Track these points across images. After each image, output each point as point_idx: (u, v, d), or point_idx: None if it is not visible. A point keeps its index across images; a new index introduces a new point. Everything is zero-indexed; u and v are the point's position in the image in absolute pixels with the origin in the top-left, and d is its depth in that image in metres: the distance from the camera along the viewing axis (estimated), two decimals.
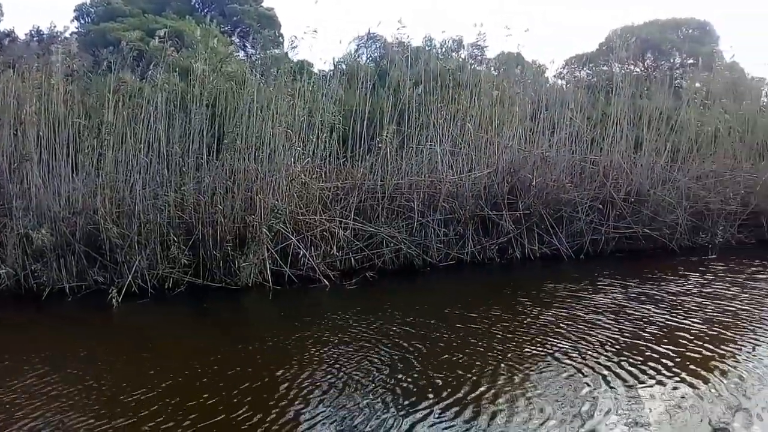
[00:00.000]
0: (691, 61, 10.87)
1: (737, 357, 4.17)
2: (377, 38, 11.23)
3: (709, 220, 8.11)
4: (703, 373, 3.83)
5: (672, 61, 11.44)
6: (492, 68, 9.50)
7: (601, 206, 7.78)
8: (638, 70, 10.97)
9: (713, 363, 4.01)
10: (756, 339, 4.52)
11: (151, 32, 9.57)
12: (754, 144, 8.86)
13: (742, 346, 4.42)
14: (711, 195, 8.07)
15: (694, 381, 3.70)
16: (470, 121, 7.62)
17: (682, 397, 3.46)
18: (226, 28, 14.86)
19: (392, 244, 6.76)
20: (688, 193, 8.00)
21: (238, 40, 14.96)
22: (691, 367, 3.93)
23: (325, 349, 4.29)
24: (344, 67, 9.46)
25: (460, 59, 9.34)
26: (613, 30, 11.99)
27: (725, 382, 3.69)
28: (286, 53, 8.95)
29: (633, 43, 9.98)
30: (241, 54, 13.22)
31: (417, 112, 7.63)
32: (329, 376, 3.75)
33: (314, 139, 6.84)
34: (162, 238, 5.87)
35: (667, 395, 3.49)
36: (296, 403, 3.38)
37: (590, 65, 11.40)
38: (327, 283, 6.11)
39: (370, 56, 11.22)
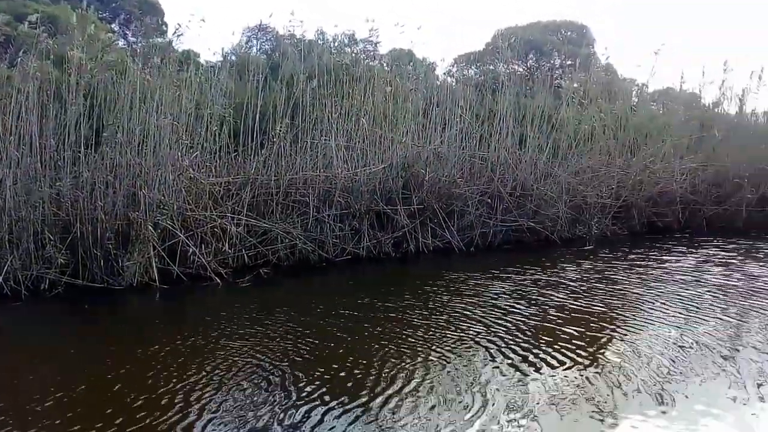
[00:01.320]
0: (569, 62, 11.52)
1: (625, 338, 4.45)
2: (269, 30, 11.01)
3: (587, 212, 8.62)
4: (592, 354, 4.05)
5: (552, 62, 12.07)
6: (385, 64, 9.60)
7: (489, 200, 8.07)
8: (522, 70, 11.48)
9: (603, 345, 4.26)
10: (643, 319, 4.86)
11: (20, 17, 8.81)
12: (626, 141, 9.51)
13: (630, 327, 4.72)
14: (588, 189, 8.59)
15: (583, 362, 3.89)
16: (364, 116, 7.64)
17: (568, 378, 3.63)
18: (105, 15, 14.00)
19: (287, 240, 6.64)
20: (568, 187, 8.46)
21: (118, 27, 14.13)
22: (581, 349, 4.13)
23: (217, 349, 4.12)
24: (234, 58, 9.20)
25: (354, 54, 9.36)
26: (499, 30, 12.48)
27: (611, 362, 3.91)
28: (170, 42, 8.55)
29: (517, 43, 10.47)
30: (122, 42, 12.50)
31: (311, 106, 7.55)
32: (222, 378, 3.60)
33: (203, 133, 6.59)
34: (36, 237, 5.42)
35: (556, 377, 3.65)
36: (186, 407, 3.21)
37: (478, 64, 11.85)
38: (219, 281, 5.89)
39: (262, 48, 10.98)
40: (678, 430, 3.03)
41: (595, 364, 3.90)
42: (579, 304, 5.35)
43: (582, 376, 3.70)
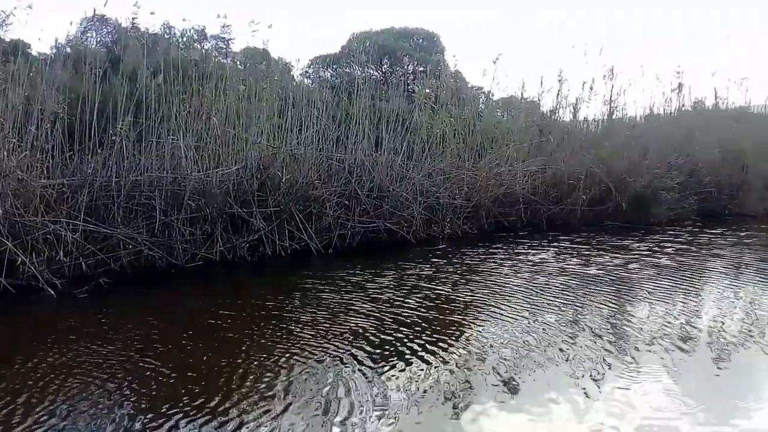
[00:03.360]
0: (421, 68, 11.87)
1: (477, 330, 4.61)
2: (110, 21, 10.23)
3: (440, 213, 8.90)
4: (445, 348, 4.15)
5: (405, 67, 12.38)
6: (238, 62, 9.30)
7: (347, 202, 8.07)
8: (377, 74, 11.66)
9: (456, 338, 4.38)
10: (494, 311, 5.09)
11: None
12: (474, 145, 9.97)
13: (483, 319, 4.92)
14: (441, 191, 8.87)
15: (437, 356, 3.98)
16: (216, 115, 7.32)
17: (422, 372, 3.70)
18: None
19: (130, 247, 6.17)
20: (422, 189, 8.69)
21: None
22: (435, 343, 4.23)
23: (50, 366, 3.70)
24: (69, 50, 8.43)
25: (204, 50, 8.96)
26: (354, 34, 12.57)
27: (464, 354, 4.04)
28: None
29: (371, 48, 10.63)
30: None
31: (157, 103, 7.10)
32: (57, 394, 3.23)
33: (34, 131, 5.96)
34: None
35: (411, 372, 3.69)
36: None
37: (334, 66, 11.88)
38: (53, 292, 5.33)
39: (101, 40, 10.18)
40: (524, 414, 3.19)
41: (448, 357, 4.02)
42: (434, 301, 5.49)
43: (436, 369, 3.79)
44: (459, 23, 31.10)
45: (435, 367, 3.84)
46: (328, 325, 4.66)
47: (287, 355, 4.00)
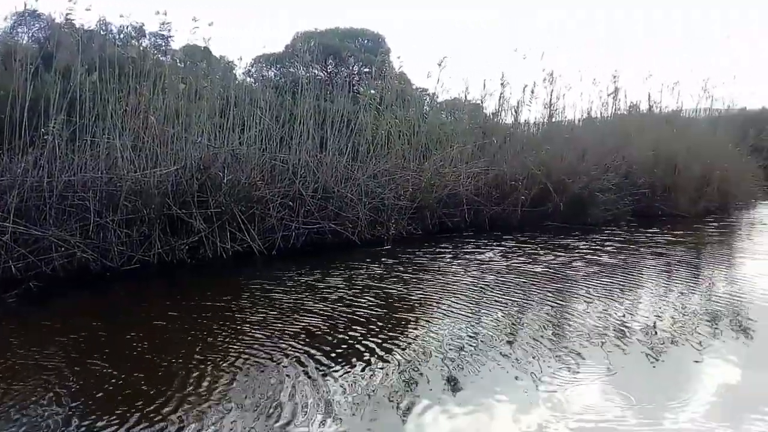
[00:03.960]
0: (366, 69, 11.89)
1: (422, 329, 4.64)
2: (41, 16, 9.84)
3: (385, 214, 8.92)
4: (390, 348, 4.17)
5: (351, 68, 12.37)
6: (178, 60, 9.09)
7: (291, 203, 8.00)
8: (322, 74, 11.61)
9: (401, 338, 4.40)
10: (439, 311, 5.14)
11: None
12: (419, 146, 10.04)
13: (427, 318, 4.95)
14: (386, 192, 8.89)
15: (382, 356, 4.00)
16: (154, 114, 7.14)
17: (367, 373, 3.70)
18: None
19: (63, 249, 5.95)
20: (367, 190, 8.69)
21: None
22: (381, 344, 4.24)
23: None
24: None
25: (142, 48, 8.73)
26: (298, 33, 12.48)
27: (409, 354, 4.07)
28: None
29: (316, 47, 10.58)
30: None
31: (91, 101, 6.88)
32: (8, 408, 3.09)
33: None
34: None
35: (357, 374, 3.69)
36: None
37: (278, 66, 11.77)
38: None
39: (33, 36, 9.78)
40: (468, 413, 3.22)
41: (395, 357, 4.04)
42: (381, 301, 5.50)
43: (382, 369, 3.80)
44: (404, 24, 31.36)
45: (381, 367, 3.85)
46: (273, 326, 4.62)
47: (231, 356, 3.94)
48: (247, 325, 4.69)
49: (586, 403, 3.32)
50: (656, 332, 4.60)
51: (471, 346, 4.26)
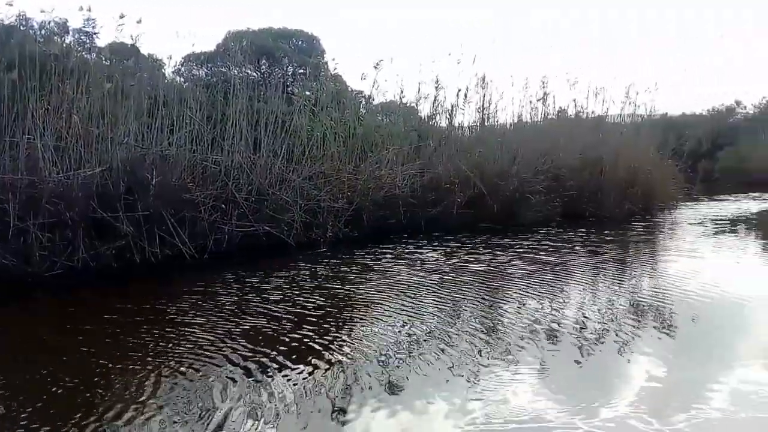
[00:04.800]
0: (301, 70, 11.78)
1: (360, 332, 4.63)
2: None
3: (321, 217, 8.85)
4: (329, 351, 4.13)
5: (285, 68, 12.22)
6: (103, 58, 8.73)
7: (223, 206, 7.82)
8: (255, 74, 11.42)
9: (339, 341, 4.36)
10: (377, 312, 5.13)
11: None
12: (355, 148, 10.02)
13: (366, 321, 4.94)
14: (322, 194, 8.83)
15: (321, 360, 3.96)
16: (78, 114, 6.83)
17: (306, 378, 3.65)
18: None
19: None
20: (303, 192, 8.60)
21: None
22: (318, 347, 4.20)
23: None
24: None
25: (65, 44, 8.34)
26: (230, 32, 12.24)
27: (347, 356, 4.05)
28: None
29: (248, 47, 10.40)
30: None
31: (11, 100, 6.52)
32: None
33: None
34: None
35: (295, 378, 3.63)
36: None
37: (209, 65, 11.50)
38: None
39: None
40: (405, 414, 3.22)
41: (333, 358, 4.01)
42: (316, 304, 5.45)
43: (319, 371, 3.77)
44: (340, 25, 31.34)
45: (318, 369, 3.81)
46: (208, 329, 4.51)
47: (163, 367, 3.80)
48: (177, 328, 4.54)
49: (519, 400, 3.37)
50: (586, 329, 4.74)
51: (409, 346, 4.27)
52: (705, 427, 3.03)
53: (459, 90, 12.01)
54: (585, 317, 5.09)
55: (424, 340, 4.40)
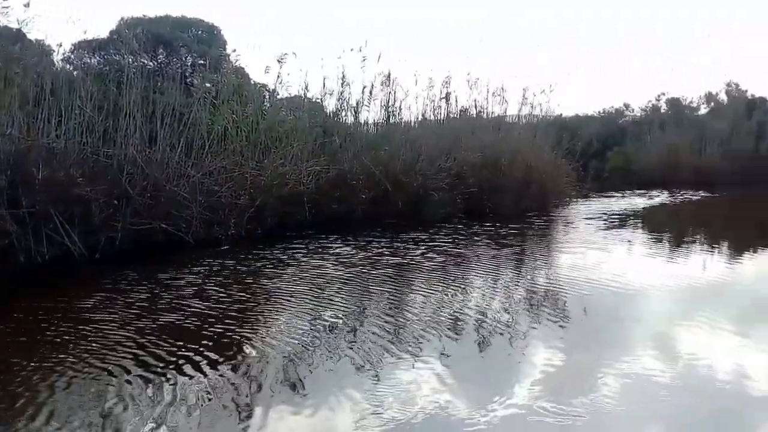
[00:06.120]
0: (201, 61, 11.38)
1: (263, 330, 4.57)
2: None
3: (223, 213, 8.61)
4: (231, 351, 4.10)
5: (184, 59, 11.76)
6: None
7: (116, 202, 7.43)
8: (151, 64, 10.93)
9: (242, 341, 4.31)
10: (281, 311, 5.16)
11: None
12: (258, 143, 9.82)
13: (269, 319, 4.90)
14: (222, 190, 8.59)
15: (223, 361, 3.91)
16: None
17: (206, 379, 3.58)
18: None
19: None
20: (202, 188, 8.33)
21: None
22: (220, 348, 4.13)
23: None
24: None
25: None
26: (124, 19, 11.63)
27: (250, 356, 4.03)
28: None
29: (144, 35, 9.93)
30: None
31: None
32: None
33: None
34: None
35: (195, 380, 3.55)
36: None
37: (101, 53, 10.87)
38: None
39: None
40: (311, 411, 3.24)
41: (235, 360, 3.95)
42: (218, 303, 5.34)
43: (225, 372, 3.70)
44: (243, 17, 30.56)
45: (222, 368, 3.76)
46: (98, 339, 4.29)
47: (60, 360, 3.74)
48: (61, 339, 4.29)
49: (424, 391, 3.48)
50: (487, 321, 4.92)
51: (315, 344, 4.28)
52: (598, 413, 3.22)
53: (364, 87, 12.05)
54: (487, 308, 5.31)
55: (332, 335, 4.42)
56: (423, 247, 8.43)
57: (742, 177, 19.76)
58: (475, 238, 9.56)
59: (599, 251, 8.52)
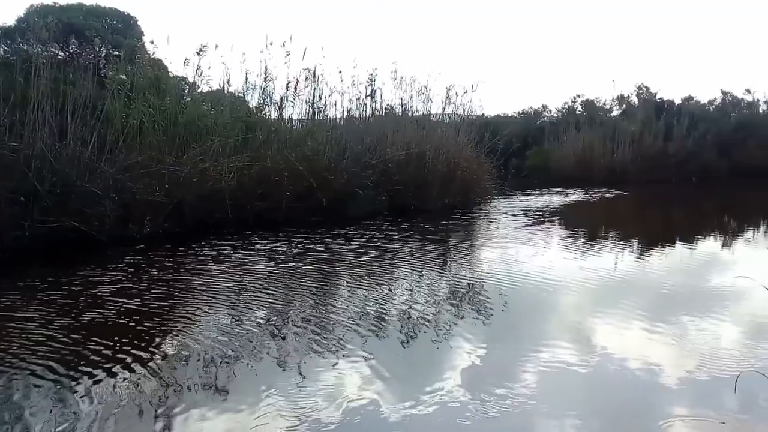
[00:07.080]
0: (116, 52, 10.89)
1: (184, 331, 4.43)
2: None
3: (138, 211, 8.27)
4: (149, 352, 3.96)
5: (97, 49, 11.22)
6: None
7: (23, 199, 7.01)
8: (62, 54, 10.36)
9: (161, 341, 4.20)
10: (201, 311, 4.99)
11: None
12: (176, 138, 9.48)
13: (189, 320, 4.74)
14: (138, 186, 8.24)
15: (140, 362, 3.76)
16: None
17: (124, 381, 3.45)
18: None
19: None
20: (116, 184, 7.97)
21: None
22: (138, 349, 3.99)
23: None
24: None
25: None
26: (33, 6, 10.98)
27: (170, 357, 3.91)
28: None
29: (55, 24, 9.39)
30: None
31: None
32: None
33: None
34: None
35: (111, 382, 3.42)
36: None
37: (8, 41, 10.22)
38: None
39: None
40: (234, 413, 3.15)
41: (154, 361, 3.82)
42: (135, 305, 5.15)
43: (144, 375, 3.56)
44: (162, 9, 29.51)
45: (140, 371, 3.62)
46: (10, 346, 4.02)
47: None
48: None
49: (349, 388, 3.47)
50: (411, 316, 4.95)
51: (238, 344, 4.19)
52: (516, 404, 3.29)
53: (288, 82, 11.89)
54: (412, 303, 5.35)
55: (253, 337, 4.34)
56: (348, 245, 8.41)
57: (651, 175, 20.84)
58: (401, 234, 9.61)
59: (521, 246, 8.75)
